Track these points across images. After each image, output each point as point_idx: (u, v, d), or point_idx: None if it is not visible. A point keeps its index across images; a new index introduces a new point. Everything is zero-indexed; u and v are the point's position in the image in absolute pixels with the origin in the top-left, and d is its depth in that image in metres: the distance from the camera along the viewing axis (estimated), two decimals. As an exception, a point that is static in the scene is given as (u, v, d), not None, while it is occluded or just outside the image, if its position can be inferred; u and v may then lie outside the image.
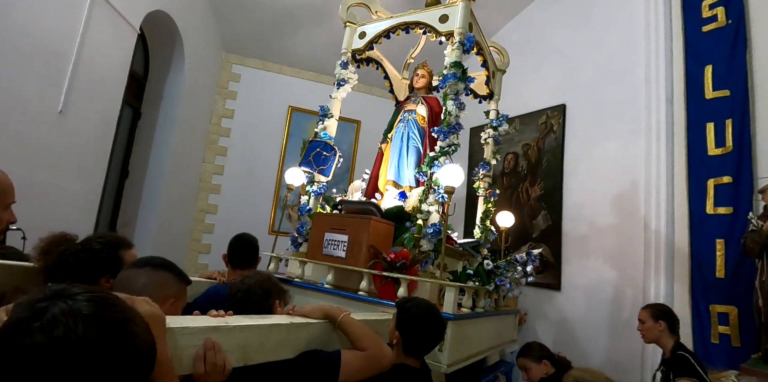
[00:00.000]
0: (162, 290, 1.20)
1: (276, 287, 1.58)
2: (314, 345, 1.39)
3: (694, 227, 3.39)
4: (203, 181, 5.31)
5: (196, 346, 1.05)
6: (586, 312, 3.89)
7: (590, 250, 3.98)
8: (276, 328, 1.28)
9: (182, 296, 1.29)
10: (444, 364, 1.88)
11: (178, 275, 1.28)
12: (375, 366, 1.39)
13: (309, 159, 2.96)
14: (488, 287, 2.33)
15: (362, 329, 1.45)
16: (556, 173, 4.37)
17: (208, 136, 5.43)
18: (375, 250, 2.31)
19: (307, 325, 1.39)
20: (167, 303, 1.20)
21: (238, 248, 2.29)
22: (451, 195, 2.31)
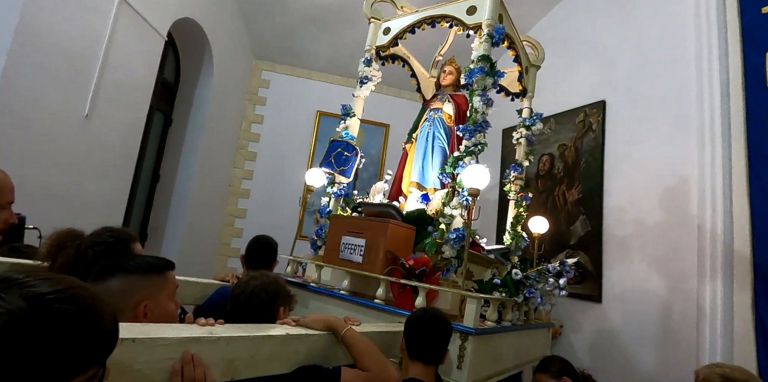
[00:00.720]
0: (125, 300, 1.10)
1: (282, 291, 1.48)
2: (313, 360, 1.27)
3: (758, 230, 3.03)
4: (233, 186, 5.35)
5: (173, 359, 0.94)
6: (630, 326, 3.55)
7: (634, 257, 3.64)
8: (269, 340, 1.16)
9: (162, 291, 1.17)
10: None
11: (142, 271, 1.16)
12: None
13: (330, 159, 2.86)
14: (516, 298, 2.12)
15: (367, 347, 1.32)
16: (596, 175, 4.06)
17: (238, 141, 5.47)
18: (393, 255, 2.17)
19: (306, 337, 1.27)
20: (140, 308, 1.10)
21: (255, 249, 2.25)
22: (476, 198, 2.13)
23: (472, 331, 1.75)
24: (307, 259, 2.63)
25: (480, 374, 1.81)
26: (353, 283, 2.22)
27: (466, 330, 1.75)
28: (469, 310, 1.81)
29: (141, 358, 0.88)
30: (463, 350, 1.74)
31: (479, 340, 1.78)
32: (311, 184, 2.83)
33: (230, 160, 5.36)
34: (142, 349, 0.88)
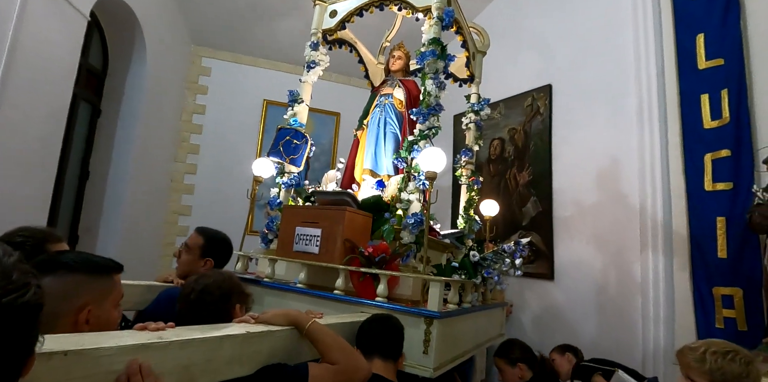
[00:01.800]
0: (65, 302, 0.94)
1: (237, 289, 1.36)
2: (277, 358, 1.17)
3: (693, 205, 3.22)
4: (175, 182, 5.02)
5: (117, 372, 0.81)
6: (580, 300, 3.70)
7: (584, 236, 3.79)
8: (228, 340, 1.05)
9: (109, 296, 1.02)
10: (430, 368, 1.67)
11: (89, 270, 1.00)
12: (347, 381, 1.17)
13: (278, 148, 2.71)
14: (475, 280, 2.12)
15: (333, 339, 1.24)
16: (545, 157, 4.17)
17: (179, 133, 5.14)
18: (351, 244, 2.08)
19: (267, 334, 1.16)
20: (83, 313, 0.95)
21: (230, 250, 2.05)
22: (433, 181, 2.09)
23: (437, 314, 1.72)
24: (259, 253, 2.49)
25: (445, 357, 1.79)
26: (310, 275, 2.12)
27: (431, 314, 1.71)
28: (432, 293, 1.78)
29: (77, 373, 0.75)
30: (428, 334, 1.71)
31: (443, 323, 1.75)
32: (259, 174, 2.68)
33: (171, 153, 5.02)
34: (77, 363, 0.75)
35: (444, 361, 1.77)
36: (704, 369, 1.39)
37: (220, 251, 1.92)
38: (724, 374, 1.36)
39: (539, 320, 3.95)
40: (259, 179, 2.69)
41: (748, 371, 1.36)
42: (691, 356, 1.45)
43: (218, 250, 1.92)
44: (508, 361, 2.14)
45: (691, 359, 1.44)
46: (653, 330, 3.20)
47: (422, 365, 1.68)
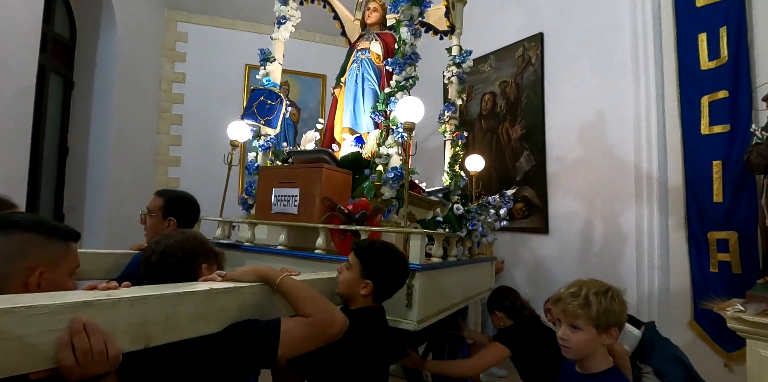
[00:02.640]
0: (15, 261, 0.88)
1: (203, 247, 1.27)
2: (247, 315, 1.11)
3: (688, 150, 3.14)
4: (160, 154, 4.92)
5: (56, 330, 0.75)
6: (576, 253, 3.68)
7: (578, 188, 3.72)
8: (189, 297, 0.97)
9: (63, 262, 0.96)
10: (413, 321, 1.64)
11: (43, 231, 0.93)
12: (322, 334, 1.12)
13: (252, 110, 2.60)
14: (460, 233, 2.06)
15: (306, 292, 1.17)
16: (537, 110, 4.03)
17: (160, 104, 4.98)
18: (330, 202, 2.01)
19: (234, 290, 1.09)
20: (34, 275, 0.89)
21: (195, 208, 1.97)
22: (412, 132, 1.98)
23: (419, 267, 1.67)
24: (237, 219, 2.43)
25: (429, 310, 1.76)
26: (291, 237, 2.06)
27: (413, 267, 1.66)
28: (413, 246, 1.73)
29: (11, 333, 0.69)
30: (411, 288, 1.67)
31: (426, 276, 1.71)
32: (235, 138, 2.58)
33: (153, 125, 4.88)
34: (12, 321, 0.69)
35: (428, 314, 1.74)
36: (592, 315, 1.24)
37: (181, 210, 1.85)
38: (609, 315, 1.24)
39: (534, 273, 3.95)
40: (236, 143, 2.59)
41: (622, 308, 1.28)
42: (574, 302, 1.28)
43: (179, 209, 1.85)
44: (489, 309, 2.16)
45: (576, 306, 1.27)
46: (647, 277, 3.20)
47: (406, 319, 1.65)
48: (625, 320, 1.22)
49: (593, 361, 1.29)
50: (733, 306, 2.26)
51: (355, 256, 1.46)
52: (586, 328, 1.25)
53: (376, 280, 1.43)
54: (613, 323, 1.26)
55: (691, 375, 2.09)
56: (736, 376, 2.69)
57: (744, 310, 2.20)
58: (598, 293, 1.26)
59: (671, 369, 2.07)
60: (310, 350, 1.12)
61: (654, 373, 2.08)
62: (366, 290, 1.42)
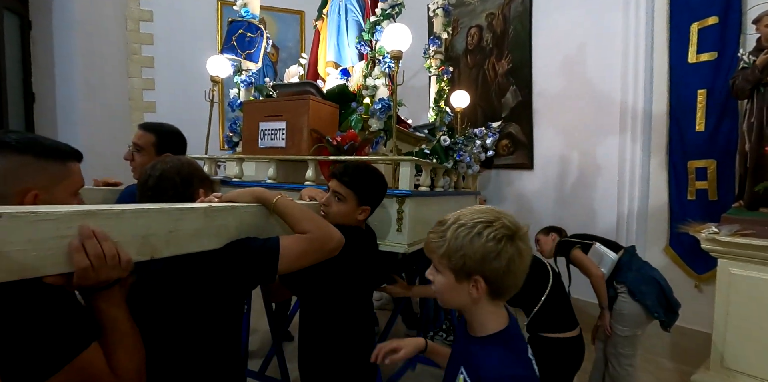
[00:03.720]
0: (6, 183, 0.85)
1: (198, 173, 1.25)
2: (246, 233, 1.12)
3: (675, 80, 3.14)
4: (134, 100, 4.68)
5: (65, 237, 0.76)
6: (561, 187, 3.76)
7: (564, 122, 3.72)
8: (189, 212, 0.98)
9: (60, 183, 0.92)
10: (404, 244, 1.69)
11: (36, 153, 0.89)
12: (320, 249, 1.15)
13: (232, 44, 2.46)
14: (446, 164, 2.07)
15: (302, 212, 1.18)
16: (524, 43, 3.92)
17: (128, 45, 4.67)
18: (318, 134, 1.98)
19: (233, 209, 1.10)
20: (27, 197, 0.86)
21: (182, 138, 1.85)
22: (399, 61, 1.92)
23: (409, 193, 1.71)
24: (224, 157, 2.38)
25: (418, 235, 1.81)
26: (280, 171, 2.05)
27: (403, 193, 1.70)
28: (403, 173, 1.75)
29: (18, 237, 0.69)
30: (401, 213, 1.72)
31: (415, 202, 1.74)
32: (215, 74, 2.46)
33: (123, 69, 4.61)
34: (20, 225, 0.69)
35: (417, 238, 1.80)
36: (441, 252, 0.91)
37: (175, 144, 1.76)
38: (465, 258, 0.87)
39: (519, 209, 4.04)
40: (216, 79, 2.48)
41: (500, 250, 0.86)
42: (432, 235, 0.96)
43: (173, 143, 1.76)
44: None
45: (432, 240, 0.95)
46: (627, 207, 3.32)
47: (397, 242, 1.71)
48: (499, 270, 0.86)
49: (477, 321, 0.94)
50: (707, 229, 2.39)
51: (346, 187, 1.45)
52: (443, 270, 0.93)
53: (374, 204, 1.49)
54: (474, 269, 0.88)
55: (665, 295, 2.23)
56: (705, 296, 2.90)
57: (718, 231, 2.33)
58: (463, 226, 0.90)
59: (644, 288, 2.21)
60: (309, 264, 1.15)
61: (628, 292, 2.23)
62: (363, 215, 1.48)
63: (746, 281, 2.24)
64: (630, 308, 2.20)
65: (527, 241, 0.91)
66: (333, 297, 1.42)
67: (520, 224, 0.91)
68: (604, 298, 2.27)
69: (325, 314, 1.44)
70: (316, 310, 1.45)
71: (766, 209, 2.30)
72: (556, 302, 1.90)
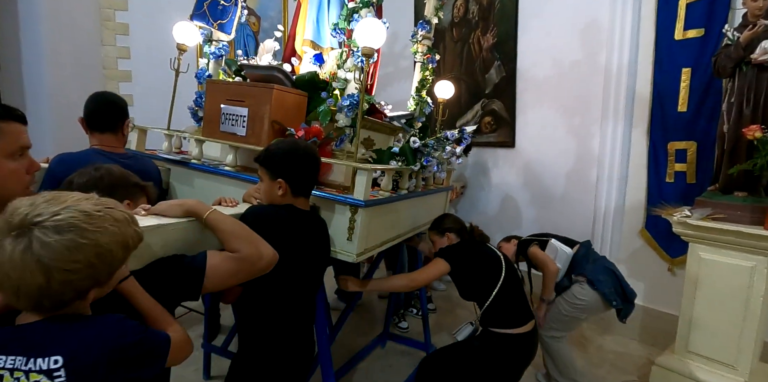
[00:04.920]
0: None
1: (121, 182, 1.18)
2: (174, 251, 1.09)
3: (659, 58, 3.06)
4: (108, 69, 4.50)
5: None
6: (541, 167, 3.74)
7: (547, 100, 3.65)
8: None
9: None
10: (353, 253, 1.64)
11: None
12: (249, 269, 1.12)
13: (203, 10, 2.31)
14: (413, 167, 2.00)
15: (234, 227, 1.14)
16: (511, 15, 3.76)
17: (100, 11, 4.44)
18: (280, 126, 1.92)
19: (157, 228, 1.05)
20: None
21: (98, 108, 1.77)
22: (370, 58, 1.81)
23: (362, 203, 1.61)
24: (189, 132, 2.31)
25: (370, 243, 1.75)
26: (241, 157, 1.99)
27: (356, 203, 1.61)
28: (359, 182, 1.64)
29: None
30: (353, 222, 1.63)
31: (369, 212, 1.66)
32: (182, 42, 2.33)
33: (96, 36, 4.41)
34: None
35: (369, 246, 1.74)
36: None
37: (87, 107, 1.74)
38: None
39: (498, 187, 4.04)
40: (183, 47, 2.35)
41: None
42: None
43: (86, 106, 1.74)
44: (438, 232, 2.13)
45: None
46: (606, 190, 3.32)
47: (346, 251, 1.65)
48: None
49: None
50: (680, 212, 2.39)
51: (259, 165, 1.44)
52: None
53: (286, 175, 1.41)
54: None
55: (621, 285, 2.29)
56: (678, 279, 2.95)
57: (690, 215, 2.34)
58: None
59: (601, 278, 2.26)
60: (237, 283, 1.14)
61: (587, 281, 2.28)
62: (282, 190, 1.41)
63: (715, 265, 2.27)
64: (589, 296, 2.26)
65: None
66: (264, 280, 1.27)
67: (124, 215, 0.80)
68: (549, 292, 2.36)
69: (258, 298, 1.41)
70: (250, 294, 1.43)
71: (740, 193, 2.28)
72: (507, 297, 1.90)
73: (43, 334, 0.70)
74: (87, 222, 0.70)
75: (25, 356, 0.68)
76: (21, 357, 0.68)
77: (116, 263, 0.76)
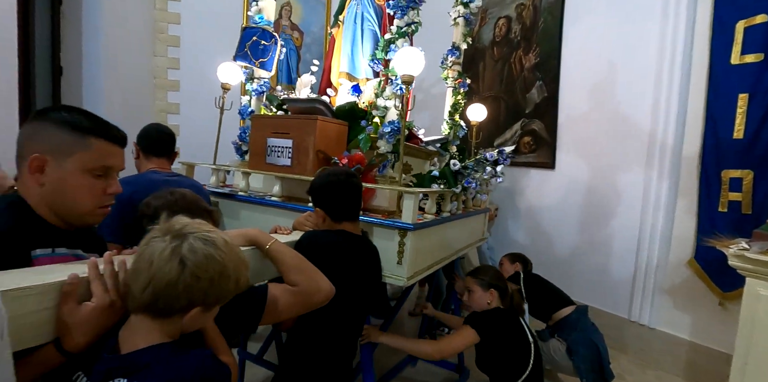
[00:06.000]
0: (23, 145, 0.91)
1: (193, 207, 1.25)
2: None
3: (714, 81, 2.91)
4: (158, 78, 4.72)
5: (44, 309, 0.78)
6: (582, 190, 3.62)
7: (591, 122, 3.53)
8: None
9: (72, 156, 0.91)
10: (404, 277, 1.69)
11: (57, 122, 0.91)
12: (307, 303, 1.16)
13: (245, 51, 2.43)
14: (455, 189, 2.03)
15: (294, 260, 1.19)
16: (554, 35, 3.69)
17: (155, 24, 4.66)
18: (324, 155, 1.98)
19: None
20: (31, 159, 0.89)
21: (159, 137, 1.91)
22: (410, 85, 1.86)
23: (411, 227, 1.68)
24: (234, 166, 2.41)
25: (420, 265, 1.80)
26: (285, 187, 2.06)
27: (405, 226, 1.67)
28: (406, 206, 1.71)
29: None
30: (402, 246, 1.70)
31: (417, 235, 1.72)
32: (226, 81, 2.45)
33: (149, 47, 4.63)
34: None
35: (418, 270, 1.79)
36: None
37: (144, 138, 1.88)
38: None
39: (538, 210, 3.94)
40: (227, 86, 2.47)
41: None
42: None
43: (142, 137, 1.88)
44: (481, 283, 1.97)
45: None
46: (652, 215, 3.16)
47: (396, 275, 1.70)
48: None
49: None
50: (737, 244, 2.24)
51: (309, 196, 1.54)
52: None
53: (321, 204, 1.50)
54: None
55: (600, 363, 2.17)
56: (729, 314, 2.76)
57: (748, 248, 2.18)
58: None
59: (582, 351, 2.16)
60: (292, 316, 1.19)
61: (566, 350, 2.19)
62: (321, 217, 1.50)
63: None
64: (561, 359, 2.19)
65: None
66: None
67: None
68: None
69: (311, 321, 1.42)
70: (304, 317, 1.42)
71: (803, 227, 2.13)
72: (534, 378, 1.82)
73: (147, 361, 0.78)
74: (225, 247, 0.85)
75: (126, 378, 0.76)
76: (123, 379, 0.76)
77: (225, 292, 0.86)
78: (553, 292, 2.45)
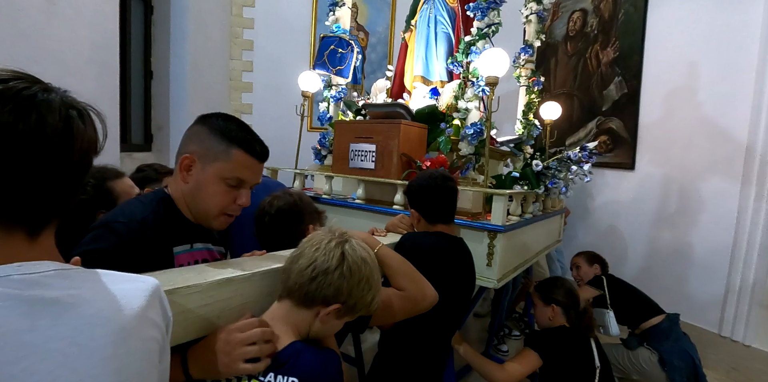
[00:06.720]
0: (182, 145, 1.01)
1: (309, 209, 1.34)
2: None
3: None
4: (234, 80, 4.99)
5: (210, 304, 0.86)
6: (664, 193, 3.40)
7: (678, 121, 3.29)
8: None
9: (216, 161, 0.98)
10: (494, 279, 1.71)
11: (212, 128, 1.00)
12: (412, 308, 1.19)
13: (323, 60, 2.53)
14: (538, 190, 2.00)
15: (402, 265, 1.22)
16: (637, 28, 3.50)
17: (231, 29, 4.93)
18: (408, 158, 2.03)
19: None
20: (182, 159, 0.98)
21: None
22: (494, 87, 1.86)
23: (502, 228, 1.69)
24: (314, 170, 2.51)
25: (507, 267, 1.81)
26: (367, 190, 2.13)
27: (496, 228, 1.69)
28: (496, 208, 1.72)
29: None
30: (492, 248, 1.72)
31: (507, 237, 1.73)
32: (306, 89, 2.55)
33: (225, 50, 4.90)
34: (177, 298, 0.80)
35: (507, 271, 1.81)
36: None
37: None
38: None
39: (615, 215, 3.75)
40: (307, 94, 2.57)
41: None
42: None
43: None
44: (543, 297, 1.82)
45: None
46: (749, 230, 2.83)
47: (486, 277, 1.72)
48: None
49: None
50: None
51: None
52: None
53: (416, 205, 1.52)
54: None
55: (696, 372, 2.04)
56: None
57: None
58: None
59: (677, 362, 2.04)
60: (397, 320, 1.21)
61: (659, 360, 2.08)
62: (416, 218, 1.53)
63: None
64: (653, 370, 2.08)
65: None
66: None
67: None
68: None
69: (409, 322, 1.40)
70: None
71: None
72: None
73: (292, 355, 0.85)
74: (374, 261, 0.98)
75: (272, 372, 0.82)
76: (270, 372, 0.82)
77: (363, 300, 0.92)
78: (641, 299, 2.33)
